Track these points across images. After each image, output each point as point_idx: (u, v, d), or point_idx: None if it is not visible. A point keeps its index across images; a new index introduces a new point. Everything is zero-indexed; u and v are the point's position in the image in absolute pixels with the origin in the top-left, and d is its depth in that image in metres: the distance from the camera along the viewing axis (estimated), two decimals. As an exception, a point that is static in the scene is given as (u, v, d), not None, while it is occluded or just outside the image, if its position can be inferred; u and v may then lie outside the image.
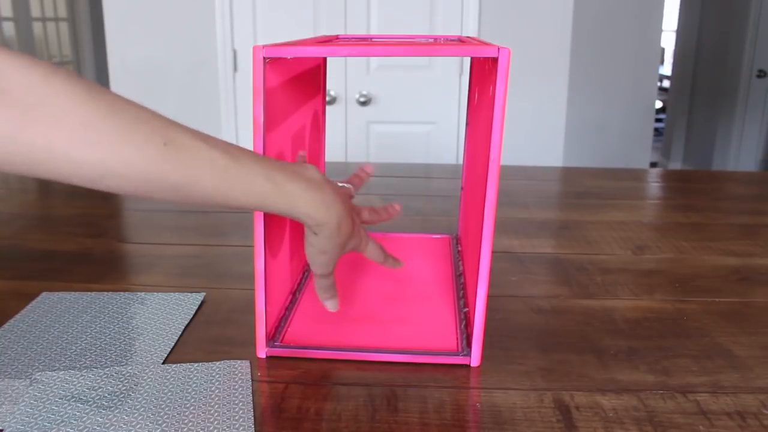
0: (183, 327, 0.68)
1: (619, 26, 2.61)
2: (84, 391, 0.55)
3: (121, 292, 0.76)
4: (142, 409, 0.52)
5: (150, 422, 0.51)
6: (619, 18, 2.60)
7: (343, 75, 2.27)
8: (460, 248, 0.89)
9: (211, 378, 0.57)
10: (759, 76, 4.10)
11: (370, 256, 0.64)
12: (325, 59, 0.90)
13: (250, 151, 0.51)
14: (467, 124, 0.90)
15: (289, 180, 0.52)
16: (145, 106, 0.47)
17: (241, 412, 0.52)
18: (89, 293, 0.76)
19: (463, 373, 0.59)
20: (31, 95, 0.40)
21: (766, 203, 1.20)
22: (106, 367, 0.59)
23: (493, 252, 0.92)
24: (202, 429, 0.50)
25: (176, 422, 0.51)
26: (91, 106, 0.42)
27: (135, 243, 0.95)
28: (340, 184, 0.64)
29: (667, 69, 6.14)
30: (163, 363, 0.60)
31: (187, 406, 0.53)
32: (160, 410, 0.52)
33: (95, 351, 0.63)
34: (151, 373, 0.58)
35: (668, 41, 5.93)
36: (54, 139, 0.41)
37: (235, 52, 2.27)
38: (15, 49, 0.42)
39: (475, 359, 0.61)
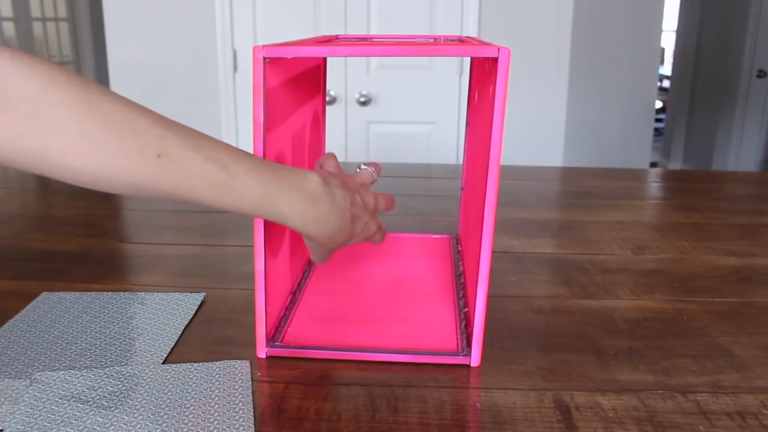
0: (183, 327, 0.68)
1: (619, 26, 2.61)
2: (84, 391, 0.55)
3: (121, 292, 0.76)
4: (142, 409, 0.52)
5: (150, 422, 0.51)
6: (618, 18, 2.60)
7: (343, 75, 2.27)
8: (460, 248, 0.89)
9: (211, 378, 0.57)
10: (759, 76, 4.10)
11: (375, 243, 0.65)
12: (325, 59, 0.90)
13: (250, 157, 0.51)
14: (467, 124, 0.90)
15: (283, 194, 0.51)
16: (145, 108, 0.47)
17: (241, 412, 0.52)
18: (89, 293, 0.76)
19: (463, 373, 0.59)
20: (27, 105, 0.41)
21: (766, 203, 1.20)
22: (106, 367, 0.59)
23: (493, 252, 0.92)
24: (202, 429, 0.50)
25: (176, 422, 0.51)
26: (87, 117, 0.43)
27: (135, 243, 0.95)
28: (363, 167, 0.64)
29: (667, 69, 6.14)
30: (163, 363, 0.60)
31: (187, 406, 0.53)
32: (160, 410, 0.52)
33: (95, 351, 0.63)
34: (151, 373, 0.58)
35: (668, 41, 5.92)
36: (48, 148, 0.42)
37: (235, 52, 2.27)
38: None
39: (475, 359, 0.61)
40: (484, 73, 0.67)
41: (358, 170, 0.65)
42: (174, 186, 0.47)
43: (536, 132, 2.33)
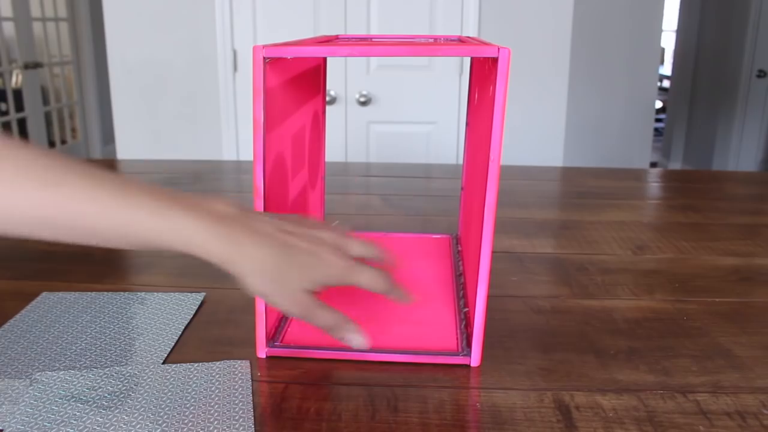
0: (183, 327, 0.68)
1: (619, 26, 2.61)
2: (84, 391, 0.55)
3: (121, 292, 0.76)
4: (142, 409, 0.52)
5: (150, 422, 0.51)
6: (618, 18, 2.60)
7: (343, 75, 2.27)
8: (460, 248, 0.89)
9: (211, 378, 0.57)
10: (759, 76, 4.10)
11: (364, 287, 0.53)
12: (325, 59, 0.90)
13: (156, 190, 0.48)
14: (467, 124, 0.90)
15: (183, 213, 0.47)
16: (57, 153, 0.48)
17: (241, 412, 0.52)
18: (89, 293, 0.76)
19: (463, 373, 0.59)
20: None
21: (766, 203, 1.20)
22: (106, 367, 0.59)
23: (493, 252, 0.92)
24: (202, 429, 0.50)
25: (176, 422, 0.51)
26: None
27: (135, 243, 0.95)
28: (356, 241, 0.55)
29: (667, 69, 6.14)
30: (163, 363, 0.60)
31: (187, 406, 0.53)
32: (160, 410, 0.52)
33: (95, 351, 0.63)
34: (151, 373, 0.58)
35: (668, 41, 5.93)
36: None
37: (235, 52, 2.27)
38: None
39: (475, 359, 0.61)
40: (484, 73, 0.67)
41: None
42: (61, 212, 0.45)
43: (536, 132, 2.33)
